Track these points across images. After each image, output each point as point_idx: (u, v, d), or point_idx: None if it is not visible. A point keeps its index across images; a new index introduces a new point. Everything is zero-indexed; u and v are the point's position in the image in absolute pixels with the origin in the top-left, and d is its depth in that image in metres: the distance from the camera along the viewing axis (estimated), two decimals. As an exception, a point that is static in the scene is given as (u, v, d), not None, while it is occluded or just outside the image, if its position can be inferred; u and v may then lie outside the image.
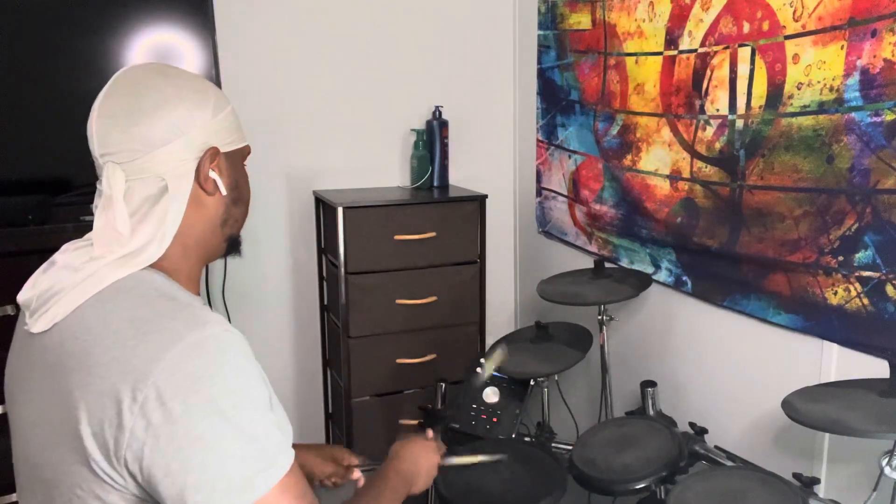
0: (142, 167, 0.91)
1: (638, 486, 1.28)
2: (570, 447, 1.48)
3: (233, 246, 1.05)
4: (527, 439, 1.71)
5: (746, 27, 1.48)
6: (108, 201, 0.91)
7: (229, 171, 0.99)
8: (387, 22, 2.38)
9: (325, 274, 2.41)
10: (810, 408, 1.14)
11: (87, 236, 0.93)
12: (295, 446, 0.93)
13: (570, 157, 2.20)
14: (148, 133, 0.90)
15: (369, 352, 2.17)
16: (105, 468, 0.79)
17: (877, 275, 1.26)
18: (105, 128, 0.91)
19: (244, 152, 1.04)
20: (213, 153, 0.95)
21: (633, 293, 1.73)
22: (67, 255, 0.92)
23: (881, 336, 1.26)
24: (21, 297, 0.92)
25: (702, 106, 1.62)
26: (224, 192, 0.98)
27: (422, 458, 1.24)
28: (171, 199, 0.92)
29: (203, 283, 2.25)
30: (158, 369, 0.78)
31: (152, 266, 0.91)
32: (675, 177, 1.73)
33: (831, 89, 1.31)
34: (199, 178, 0.94)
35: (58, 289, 0.88)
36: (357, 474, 1.37)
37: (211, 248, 1.01)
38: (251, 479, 0.79)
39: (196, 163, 0.94)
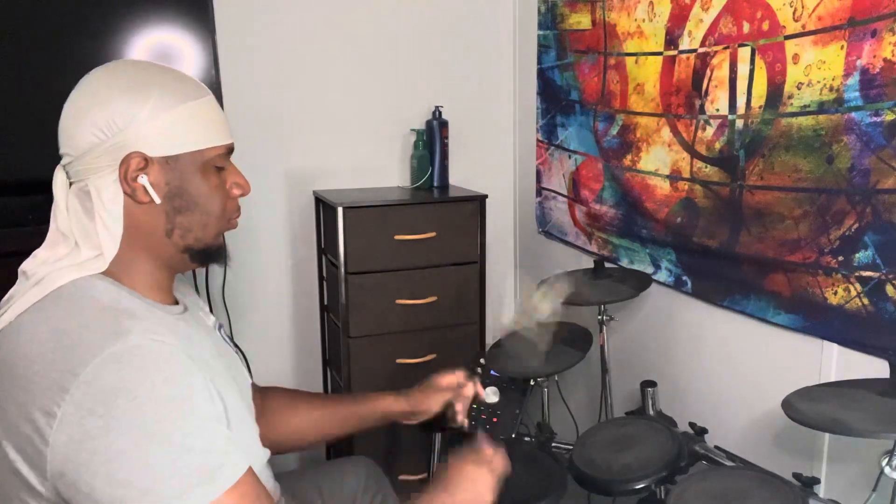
0: (76, 170, 0.89)
1: (638, 486, 1.28)
2: (570, 447, 1.48)
3: (205, 255, 0.98)
4: (527, 439, 1.71)
5: (746, 27, 1.48)
6: (55, 204, 0.90)
7: (171, 176, 0.91)
8: (387, 22, 2.38)
9: (325, 274, 2.41)
10: (810, 408, 1.14)
11: (45, 241, 0.92)
12: (390, 394, 0.92)
13: (570, 157, 2.20)
14: (75, 136, 0.88)
15: (369, 352, 2.17)
16: (35, 483, 0.77)
17: (877, 275, 1.26)
18: (60, 128, 0.90)
19: (207, 155, 0.94)
20: (138, 159, 0.88)
21: (633, 293, 1.73)
22: (29, 259, 0.91)
23: (881, 336, 1.26)
24: None
25: (702, 106, 1.62)
26: (157, 200, 0.90)
27: (475, 488, 1.12)
28: (96, 204, 0.88)
29: (203, 284, 2.25)
30: (76, 384, 0.75)
31: (106, 271, 0.89)
32: (674, 177, 1.73)
33: (831, 89, 1.31)
34: (124, 186, 0.88)
35: (13, 293, 0.87)
36: (472, 387, 1.36)
37: (168, 258, 0.95)
38: (184, 493, 0.76)
39: (117, 169, 0.88)
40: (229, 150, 0.99)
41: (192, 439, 0.78)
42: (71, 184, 0.91)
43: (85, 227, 0.89)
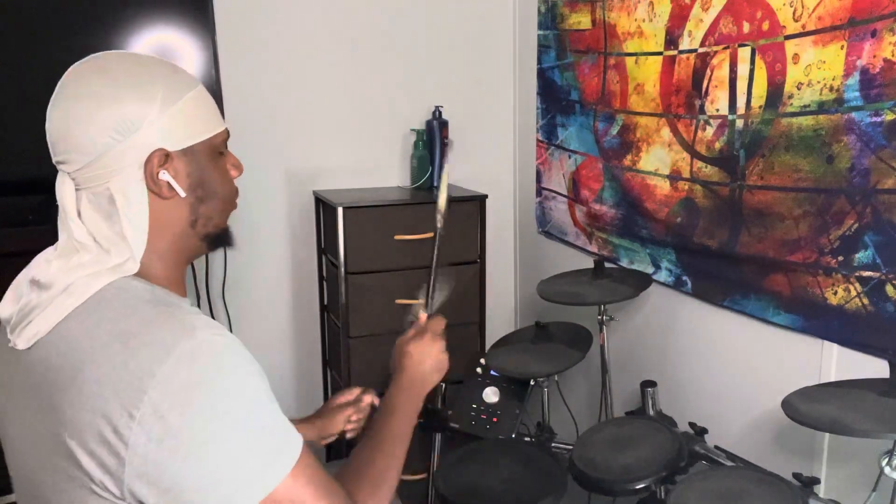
0: (88, 176, 0.87)
1: (638, 486, 1.28)
2: (570, 447, 1.48)
3: (219, 240, 0.99)
4: (527, 439, 1.71)
5: (746, 27, 1.48)
6: (63, 212, 0.88)
7: (191, 168, 0.91)
8: (387, 22, 2.38)
9: (325, 274, 2.41)
10: (810, 408, 1.14)
11: (57, 246, 0.90)
12: (301, 423, 0.92)
13: (570, 157, 2.20)
14: (85, 140, 0.85)
15: (369, 352, 2.17)
16: (108, 486, 0.78)
17: (877, 275, 1.26)
18: (53, 135, 0.87)
19: (213, 142, 0.94)
20: (160, 156, 0.87)
21: (633, 293, 1.73)
22: (41, 268, 0.89)
23: (881, 336, 1.26)
24: (1, 312, 0.90)
25: (702, 106, 1.62)
26: (182, 193, 0.90)
27: (421, 358, 1.21)
28: (122, 207, 0.87)
29: (203, 284, 2.25)
30: (152, 384, 0.76)
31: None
32: (674, 177, 1.73)
33: (831, 89, 1.31)
34: (150, 184, 0.88)
35: (35, 303, 0.86)
36: (369, 397, 1.38)
37: (188, 250, 0.96)
38: (263, 470, 0.80)
39: (142, 168, 0.87)
40: (227, 134, 1.00)
41: (263, 421, 0.82)
42: (77, 190, 0.89)
43: (106, 233, 0.88)
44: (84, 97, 0.87)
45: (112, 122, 0.85)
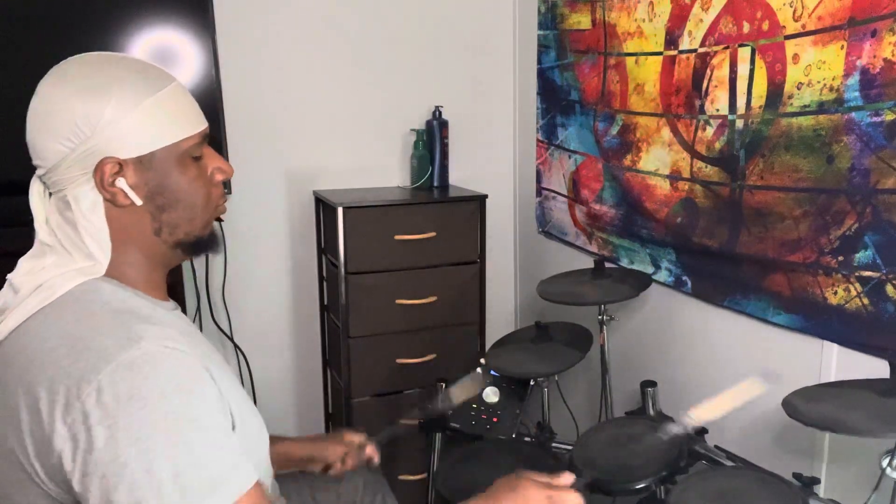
0: (52, 181, 0.87)
1: (638, 486, 1.28)
2: (570, 447, 1.48)
3: (197, 247, 0.95)
4: (527, 439, 1.71)
5: (746, 27, 1.48)
6: (35, 216, 0.88)
7: (148, 175, 0.87)
8: (387, 22, 2.38)
9: (325, 274, 2.41)
10: (810, 408, 1.14)
11: (31, 251, 0.90)
12: (299, 438, 0.90)
13: (570, 157, 2.20)
14: (42, 147, 0.85)
15: (369, 352, 2.17)
16: (48, 485, 0.77)
17: (877, 275, 1.26)
18: (26, 138, 0.87)
19: (181, 147, 0.89)
20: (112, 164, 0.84)
21: (633, 293, 1.73)
22: (20, 269, 0.89)
23: (881, 336, 1.26)
24: None
25: (702, 106, 1.62)
26: (138, 202, 0.87)
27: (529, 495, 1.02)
28: (76, 214, 0.85)
29: (203, 284, 2.25)
30: (87, 391, 0.74)
31: (106, 272, 0.88)
32: (675, 177, 1.73)
33: (831, 89, 1.31)
34: (103, 192, 0.85)
35: (9, 304, 0.86)
36: (371, 450, 1.34)
37: (160, 256, 0.93)
38: None
39: (92, 176, 0.85)
40: (204, 136, 0.94)
41: (199, 453, 0.76)
42: (50, 194, 0.89)
43: (71, 237, 0.87)
44: (41, 102, 0.86)
45: (64, 128, 0.83)
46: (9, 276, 0.90)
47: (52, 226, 0.88)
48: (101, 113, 0.83)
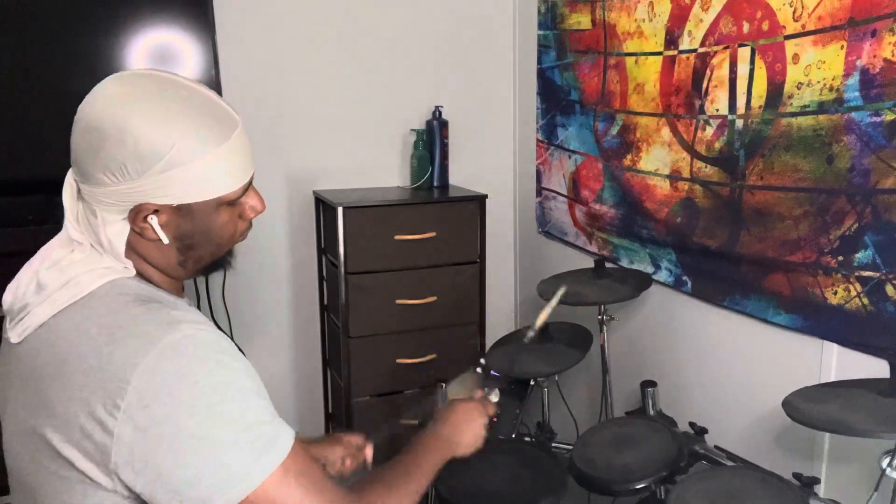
0: (84, 191, 0.87)
1: (638, 486, 1.28)
2: (570, 447, 1.48)
3: (216, 266, 0.99)
4: (527, 439, 1.71)
5: (746, 27, 1.48)
6: (66, 210, 0.89)
7: (182, 221, 0.87)
8: (387, 22, 2.38)
9: (325, 274, 2.41)
10: (811, 408, 1.14)
11: (58, 238, 0.91)
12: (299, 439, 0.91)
13: (570, 157, 2.20)
14: (80, 163, 0.85)
15: (369, 352, 2.17)
16: (96, 476, 0.79)
17: (877, 275, 1.26)
18: (71, 142, 0.86)
19: (222, 199, 0.88)
20: (148, 209, 0.84)
21: (633, 293, 1.73)
22: (41, 261, 0.89)
23: (881, 336, 1.26)
24: (5, 302, 0.90)
25: (702, 106, 1.62)
26: (165, 240, 0.87)
27: (465, 422, 1.21)
28: (101, 232, 0.86)
29: (203, 284, 2.25)
30: (136, 374, 0.77)
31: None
32: (675, 177, 1.73)
33: (831, 89, 1.31)
34: (133, 225, 0.86)
35: (31, 300, 0.86)
36: (369, 451, 1.37)
37: (181, 275, 0.95)
38: (250, 465, 0.80)
39: (126, 213, 0.85)
40: (248, 184, 0.92)
41: (250, 415, 0.82)
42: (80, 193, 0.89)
43: (100, 241, 0.88)
44: (97, 123, 0.82)
45: (113, 165, 0.82)
46: (33, 265, 0.90)
47: (81, 224, 0.89)
48: (154, 162, 0.82)
